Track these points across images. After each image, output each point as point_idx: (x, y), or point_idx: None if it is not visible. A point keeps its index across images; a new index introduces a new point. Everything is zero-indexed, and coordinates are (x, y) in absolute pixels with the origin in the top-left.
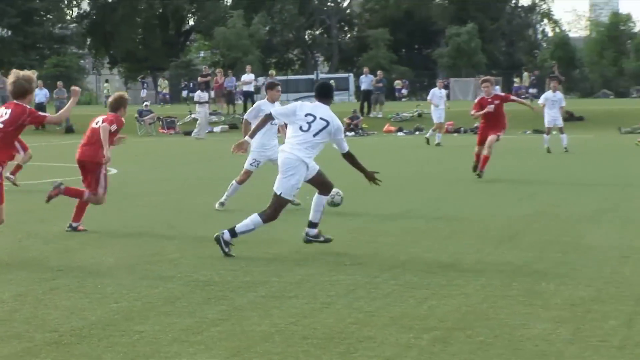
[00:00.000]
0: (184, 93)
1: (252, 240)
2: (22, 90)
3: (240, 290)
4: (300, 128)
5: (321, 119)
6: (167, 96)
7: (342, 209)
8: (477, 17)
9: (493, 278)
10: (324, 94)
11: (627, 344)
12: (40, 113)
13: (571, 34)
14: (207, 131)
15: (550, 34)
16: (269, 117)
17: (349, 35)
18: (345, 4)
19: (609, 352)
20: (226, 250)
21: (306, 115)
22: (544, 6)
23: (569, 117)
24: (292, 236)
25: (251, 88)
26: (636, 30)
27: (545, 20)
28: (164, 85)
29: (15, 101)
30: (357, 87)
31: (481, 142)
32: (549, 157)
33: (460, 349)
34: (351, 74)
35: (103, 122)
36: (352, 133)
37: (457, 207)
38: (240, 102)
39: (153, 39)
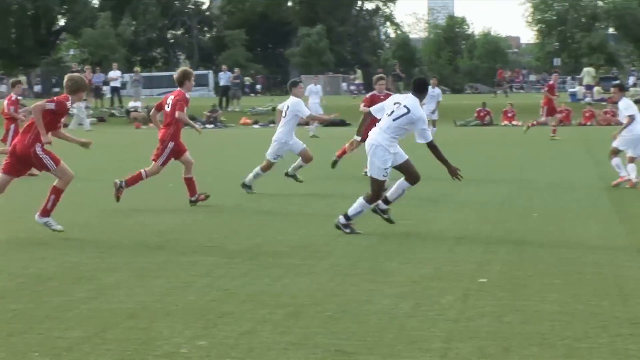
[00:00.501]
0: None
1: (119, 225)
2: None
3: (108, 271)
4: (387, 113)
5: (404, 106)
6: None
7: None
8: (326, 19)
9: (341, 258)
10: (419, 88)
11: (462, 317)
12: None
13: (411, 35)
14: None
15: (393, 35)
16: (367, 115)
17: (208, 35)
18: (205, 6)
19: (445, 324)
20: (347, 231)
21: (395, 104)
22: (387, 10)
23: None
24: (155, 221)
25: (118, 84)
26: (470, 32)
27: (388, 23)
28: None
29: None
30: (216, 83)
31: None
32: None
33: (311, 323)
34: (210, 71)
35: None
36: (212, 125)
37: (309, 192)
38: (108, 96)
39: (26, 37)
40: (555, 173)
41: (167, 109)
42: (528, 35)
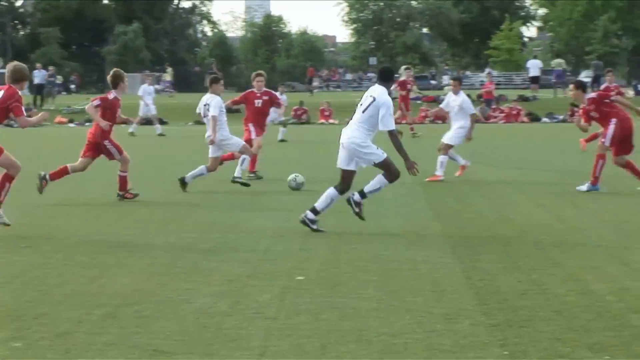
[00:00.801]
0: None
1: None
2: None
3: None
4: (360, 109)
5: (370, 96)
6: None
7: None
8: (143, 17)
9: (159, 257)
10: (384, 76)
11: (280, 315)
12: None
13: (229, 34)
14: None
15: (210, 33)
16: None
17: (22, 33)
18: (18, 4)
19: (264, 322)
20: (357, 210)
21: (366, 97)
22: (204, 8)
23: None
24: None
25: None
26: (286, 30)
27: (205, 21)
28: None
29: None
30: (30, 81)
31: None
32: None
33: (128, 323)
34: None
35: None
36: None
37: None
38: None
39: None
40: (370, 169)
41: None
42: (344, 34)
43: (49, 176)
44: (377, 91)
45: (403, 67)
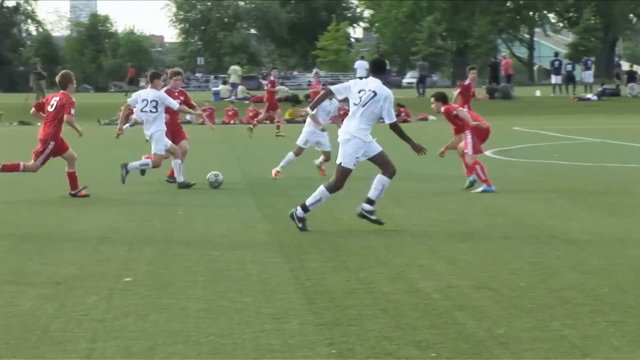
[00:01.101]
0: None
1: None
2: None
3: None
4: (354, 103)
5: (370, 90)
6: None
7: None
8: None
9: None
10: (378, 69)
11: (107, 317)
12: None
13: (54, 34)
14: None
15: (34, 32)
16: (328, 92)
17: None
18: None
19: (90, 325)
20: (300, 225)
21: (359, 92)
22: (28, 7)
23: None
24: None
25: None
26: (113, 30)
27: (29, 20)
28: None
29: None
30: None
31: None
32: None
33: None
34: None
35: None
36: None
37: None
38: None
39: None
40: (204, 172)
41: (51, 109)
42: (172, 34)
43: None
44: (375, 84)
45: (232, 67)
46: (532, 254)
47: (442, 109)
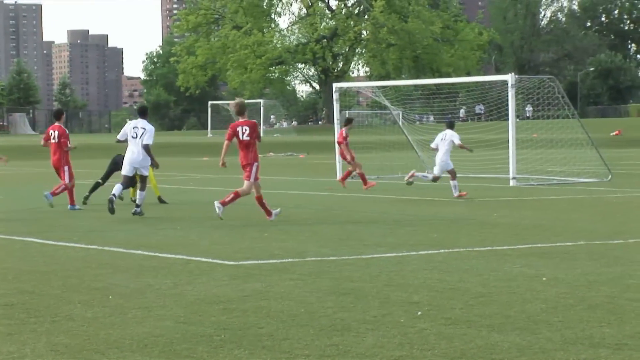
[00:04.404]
0: None
1: None
2: None
3: None
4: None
5: (142, 127)
6: None
7: None
8: None
9: None
10: (142, 113)
11: None
12: None
13: None
14: None
15: None
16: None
17: None
18: None
19: None
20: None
21: (134, 128)
22: None
23: None
24: None
25: None
26: None
27: None
28: None
29: None
30: None
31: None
32: None
33: None
34: None
35: None
36: None
37: None
38: None
39: None
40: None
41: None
42: None
43: None
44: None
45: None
46: None
47: None
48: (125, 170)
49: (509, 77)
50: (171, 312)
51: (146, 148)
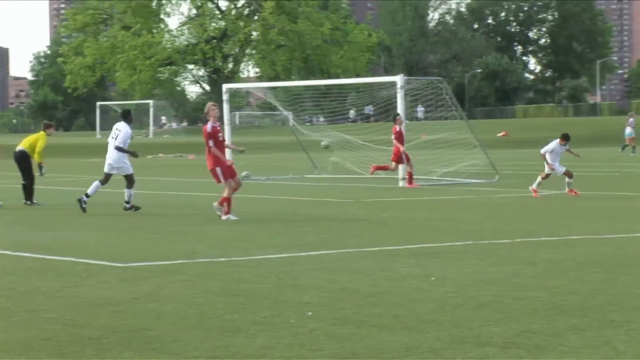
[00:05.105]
0: None
1: None
2: None
3: None
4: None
5: (117, 129)
6: None
7: None
8: None
9: None
10: (123, 116)
11: None
12: None
13: None
14: None
15: None
16: None
17: None
18: None
19: None
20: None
21: (115, 130)
22: None
23: None
24: None
25: None
26: None
27: None
28: None
29: None
30: None
31: None
32: None
33: None
34: None
35: None
36: None
37: None
38: None
39: None
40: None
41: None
42: None
43: None
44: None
45: None
46: None
47: None
48: (105, 168)
49: (398, 79)
50: (59, 314)
51: (118, 149)
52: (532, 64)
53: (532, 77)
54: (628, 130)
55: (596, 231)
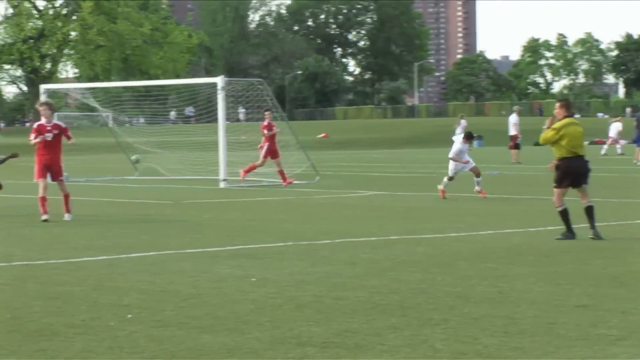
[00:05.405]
0: None
1: None
2: None
3: None
4: None
5: None
6: None
7: None
8: None
9: None
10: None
11: None
12: None
13: None
14: None
15: None
16: None
17: None
18: None
19: None
20: None
21: None
22: None
23: None
24: None
25: None
26: None
27: None
28: None
29: None
30: None
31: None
32: None
33: None
34: None
35: None
36: None
37: None
38: None
39: None
40: None
41: None
42: None
43: None
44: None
45: None
46: None
47: None
48: None
49: (219, 80)
50: None
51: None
52: (352, 66)
53: (351, 79)
54: (458, 130)
55: (415, 231)
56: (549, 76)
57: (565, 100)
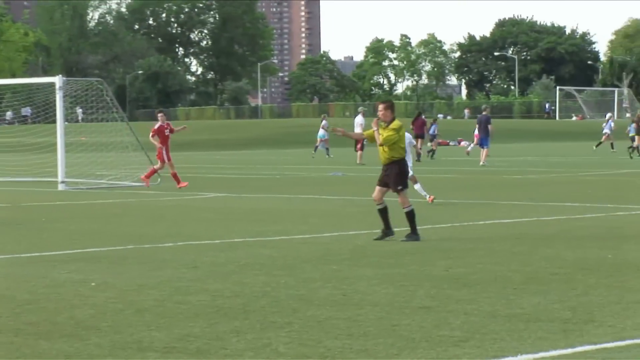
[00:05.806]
0: None
1: None
2: None
3: None
4: None
5: None
6: None
7: None
8: None
9: None
10: None
11: None
12: None
13: None
14: None
15: None
16: None
17: None
18: None
19: None
20: None
21: None
22: None
23: None
24: None
25: None
26: None
27: None
28: None
29: None
30: None
31: None
32: None
33: None
34: None
35: None
36: None
37: None
38: None
39: None
40: None
41: None
42: None
43: None
44: None
45: None
46: None
47: None
48: None
49: (57, 80)
50: None
51: None
52: (194, 65)
53: (194, 79)
54: (321, 132)
55: (260, 233)
56: (392, 77)
57: (390, 102)
